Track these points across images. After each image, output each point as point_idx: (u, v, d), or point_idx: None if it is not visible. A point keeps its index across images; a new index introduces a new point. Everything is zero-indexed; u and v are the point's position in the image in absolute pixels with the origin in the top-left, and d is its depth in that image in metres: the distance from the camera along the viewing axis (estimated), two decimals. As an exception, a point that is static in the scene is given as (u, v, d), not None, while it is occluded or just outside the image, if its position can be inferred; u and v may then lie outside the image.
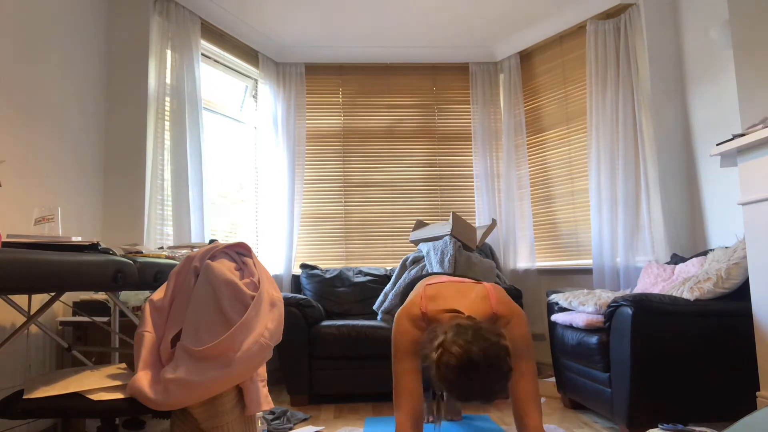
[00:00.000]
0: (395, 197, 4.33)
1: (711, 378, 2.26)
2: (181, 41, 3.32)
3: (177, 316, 1.69)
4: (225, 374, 1.54)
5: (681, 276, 2.73)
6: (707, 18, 3.07)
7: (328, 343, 3.14)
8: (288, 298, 3.22)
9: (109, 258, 1.53)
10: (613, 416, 2.39)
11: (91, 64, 3.02)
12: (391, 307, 3.53)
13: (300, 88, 4.25)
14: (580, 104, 3.80)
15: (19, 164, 2.40)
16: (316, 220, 4.26)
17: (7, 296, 1.81)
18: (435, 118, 4.42)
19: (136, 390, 1.52)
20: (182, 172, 3.24)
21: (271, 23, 3.90)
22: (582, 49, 3.79)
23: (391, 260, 4.25)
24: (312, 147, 4.31)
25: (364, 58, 4.35)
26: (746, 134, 2.09)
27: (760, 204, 2.09)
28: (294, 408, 3.06)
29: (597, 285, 3.47)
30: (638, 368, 2.23)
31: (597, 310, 2.54)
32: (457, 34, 4.14)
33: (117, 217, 3.10)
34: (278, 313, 1.73)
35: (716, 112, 3.02)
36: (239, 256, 1.83)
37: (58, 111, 2.70)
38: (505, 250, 4.13)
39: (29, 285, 1.25)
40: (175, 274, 1.76)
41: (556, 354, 2.95)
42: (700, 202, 3.17)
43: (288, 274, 4.03)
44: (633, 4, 3.46)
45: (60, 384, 1.56)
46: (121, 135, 3.15)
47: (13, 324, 2.27)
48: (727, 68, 2.89)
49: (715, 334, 2.27)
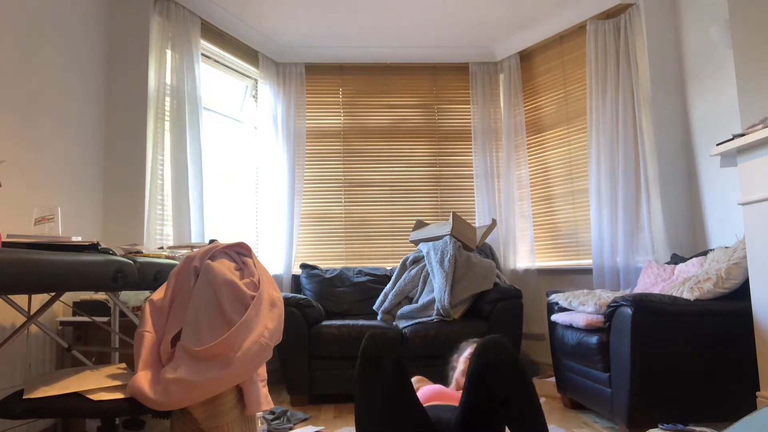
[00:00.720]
0: (395, 197, 4.33)
1: (711, 378, 2.26)
2: (181, 41, 3.32)
3: (177, 316, 1.69)
4: (225, 374, 1.54)
5: (681, 276, 2.72)
6: (707, 18, 3.07)
7: (328, 343, 3.14)
8: (288, 298, 3.22)
9: (109, 258, 1.53)
10: (613, 416, 2.39)
11: (91, 64, 3.02)
12: (391, 307, 3.53)
13: (300, 88, 4.25)
14: (580, 104, 3.80)
15: (19, 164, 2.40)
16: (316, 219, 4.26)
17: (7, 296, 1.81)
18: (435, 118, 4.42)
19: (136, 390, 1.52)
20: (182, 172, 3.24)
21: (271, 23, 3.90)
22: (582, 49, 3.79)
23: (391, 260, 4.25)
24: (312, 147, 4.31)
25: (364, 58, 4.36)
26: (746, 134, 2.09)
27: (760, 204, 2.09)
28: (294, 408, 3.06)
29: (597, 285, 3.47)
30: (638, 368, 2.23)
31: (597, 310, 2.55)
32: (457, 34, 4.14)
33: (117, 217, 3.10)
34: (278, 313, 1.73)
35: (716, 112, 3.02)
36: (239, 256, 1.83)
37: (58, 111, 2.70)
38: (505, 250, 4.13)
39: (29, 285, 1.25)
40: (175, 274, 1.76)
41: (556, 354, 2.95)
42: (700, 202, 3.17)
43: (288, 274, 4.03)
44: (633, 4, 3.46)
45: (60, 384, 1.56)
46: (121, 135, 3.15)
47: (13, 324, 2.27)
48: (726, 68, 2.89)
49: (715, 334, 2.27)
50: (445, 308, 3.23)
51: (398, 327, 3.26)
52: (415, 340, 3.15)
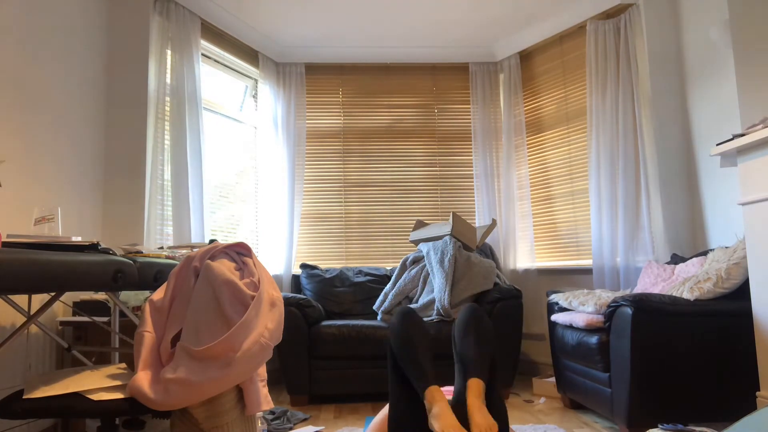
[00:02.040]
0: (395, 197, 4.33)
1: (711, 378, 2.26)
2: (181, 41, 3.33)
3: (177, 316, 1.69)
4: (225, 374, 1.54)
5: (681, 276, 2.72)
6: (707, 18, 3.07)
7: (328, 343, 3.14)
8: (288, 298, 3.22)
9: (109, 258, 1.53)
10: (613, 416, 2.39)
11: (91, 64, 3.02)
12: (391, 307, 3.53)
13: (300, 88, 4.25)
14: (580, 104, 3.80)
15: (19, 164, 2.40)
16: (316, 219, 4.26)
17: (7, 296, 1.81)
18: (435, 118, 4.42)
19: (136, 390, 1.52)
20: (182, 172, 3.24)
21: (271, 23, 3.90)
22: (582, 49, 3.79)
23: (391, 260, 4.25)
24: (312, 147, 4.31)
25: (364, 58, 4.36)
26: (746, 134, 2.09)
27: (760, 204, 2.09)
28: (294, 408, 3.06)
29: (597, 285, 3.47)
30: (638, 368, 2.23)
31: (597, 310, 2.55)
32: (457, 34, 4.14)
33: (117, 217, 3.10)
34: (278, 313, 1.73)
35: (716, 112, 3.02)
36: (239, 256, 1.83)
37: (58, 111, 2.70)
38: (505, 250, 4.13)
39: (29, 285, 1.25)
40: (175, 274, 1.76)
41: (556, 354, 2.95)
42: (700, 202, 3.17)
43: (288, 274, 4.03)
44: (633, 4, 3.46)
45: (60, 384, 1.56)
46: (121, 135, 3.15)
47: (13, 324, 2.27)
48: (727, 68, 2.89)
49: (715, 334, 2.27)
50: (445, 308, 3.24)
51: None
52: (415, 340, 3.14)
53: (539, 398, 3.19)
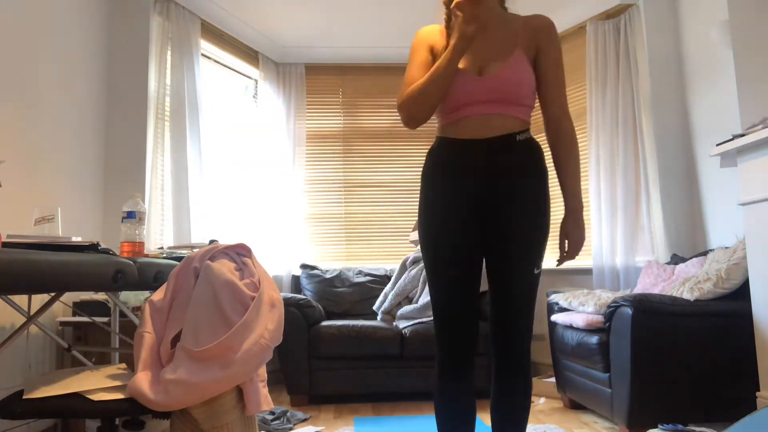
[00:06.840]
0: (395, 197, 4.33)
1: (711, 378, 2.26)
2: (181, 41, 3.32)
3: (177, 317, 1.69)
4: (225, 375, 1.54)
5: (681, 276, 2.72)
6: (707, 18, 3.07)
7: (328, 344, 3.14)
8: (288, 299, 3.21)
9: (109, 258, 1.53)
10: (613, 416, 2.39)
11: (92, 65, 3.02)
12: (391, 308, 3.53)
13: (300, 89, 4.25)
14: (580, 104, 3.80)
15: (19, 164, 2.40)
16: (316, 220, 4.26)
17: (7, 296, 1.81)
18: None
19: (136, 390, 1.52)
20: (182, 173, 3.24)
21: (271, 23, 3.90)
22: (582, 50, 3.79)
23: (391, 260, 4.24)
24: (312, 147, 4.31)
25: (364, 58, 4.35)
26: (746, 134, 2.09)
27: (760, 204, 2.09)
28: (294, 408, 3.06)
29: (597, 285, 3.47)
30: (638, 368, 2.23)
31: (597, 311, 2.55)
32: (457, 34, 4.13)
33: (117, 218, 3.09)
34: (278, 314, 1.73)
35: (716, 112, 3.02)
36: (239, 256, 1.83)
37: (58, 111, 2.70)
38: (505, 250, 4.12)
39: (29, 285, 1.25)
40: (175, 275, 1.75)
41: (556, 354, 2.95)
42: (700, 202, 3.17)
43: (288, 274, 4.02)
44: (633, 5, 3.46)
45: (60, 384, 1.56)
46: (121, 135, 3.15)
47: (13, 324, 2.27)
48: (727, 68, 2.88)
49: (715, 334, 2.27)
50: (445, 308, 3.23)
51: (398, 327, 3.26)
52: (415, 340, 3.15)
53: (539, 398, 3.19)
